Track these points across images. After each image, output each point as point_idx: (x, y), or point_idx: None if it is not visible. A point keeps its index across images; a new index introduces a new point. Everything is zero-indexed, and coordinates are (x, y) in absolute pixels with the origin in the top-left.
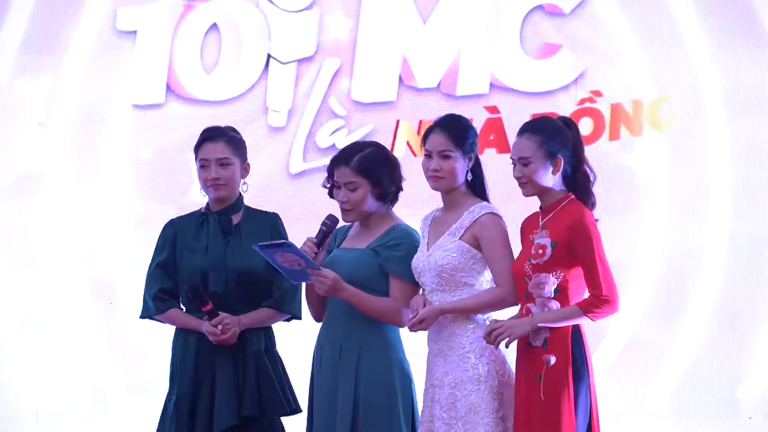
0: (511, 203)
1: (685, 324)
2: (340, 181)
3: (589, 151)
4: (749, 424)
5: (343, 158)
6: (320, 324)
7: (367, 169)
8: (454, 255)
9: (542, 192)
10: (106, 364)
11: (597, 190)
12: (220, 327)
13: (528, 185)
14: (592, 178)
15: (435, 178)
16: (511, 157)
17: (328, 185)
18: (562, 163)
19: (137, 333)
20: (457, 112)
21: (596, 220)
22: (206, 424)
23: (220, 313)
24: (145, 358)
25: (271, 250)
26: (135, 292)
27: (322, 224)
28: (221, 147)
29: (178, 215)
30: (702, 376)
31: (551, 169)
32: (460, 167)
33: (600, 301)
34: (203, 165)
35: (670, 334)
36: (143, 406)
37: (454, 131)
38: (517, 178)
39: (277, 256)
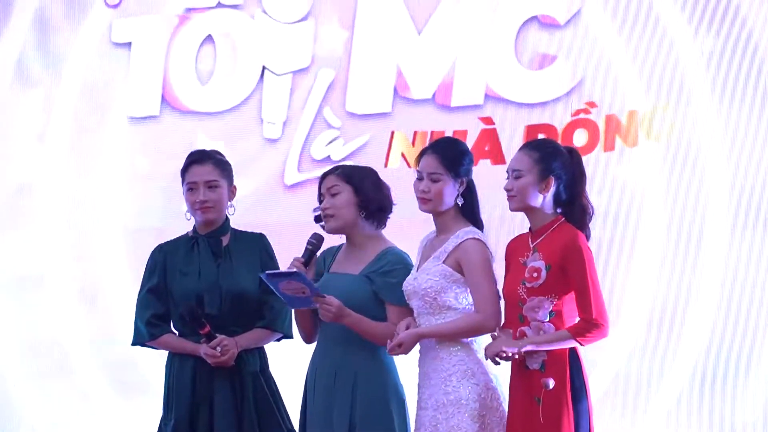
0: (505, 216)
1: (684, 334)
2: (324, 189)
3: (585, 163)
4: None
5: (330, 170)
6: (308, 346)
7: (350, 175)
8: (437, 279)
9: (529, 210)
10: (100, 377)
11: (592, 200)
12: (218, 349)
13: (515, 199)
14: (590, 212)
15: (423, 200)
16: (506, 170)
17: (319, 212)
18: (553, 185)
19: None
20: (452, 123)
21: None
22: None
23: (217, 335)
24: (140, 372)
25: (278, 279)
26: (129, 304)
27: (307, 243)
28: (209, 169)
29: (167, 240)
30: (699, 398)
31: (540, 187)
32: (449, 191)
33: (590, 325)
34: (191, 188)
35: (668, 346)
36: (136, 413)
37: (446, 155)
38: (507, 190)
39: (282, 284)
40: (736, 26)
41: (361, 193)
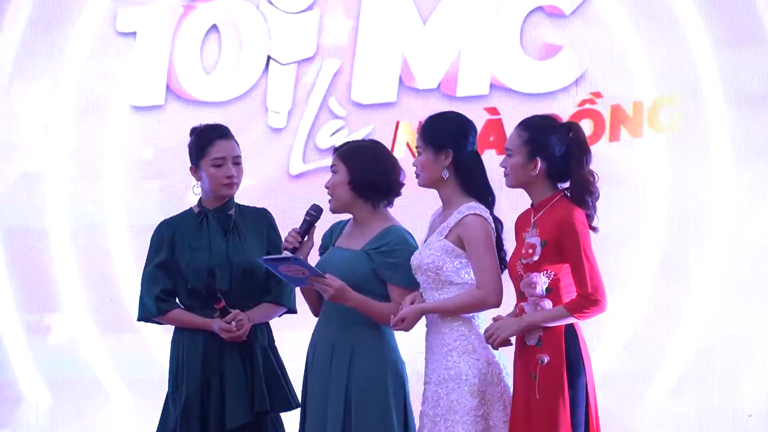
0: (511, 205)
1: (685, 323)
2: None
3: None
4: (749, 423)
5: (338, 146)
6: (312, 322)
7: (348, 155)
8: (438, 254)
9: (525, 186)
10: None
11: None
12: (233, 324)
13: (509, 177)
14: (592, 190)
15: (416, 175)
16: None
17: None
18: (540, 164)
19: (138, 329)
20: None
21: (594, 228)
22: (218, 422)
23: (231, 310)
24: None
25: (276, 263)
26: (135, 291)
27: (306, 214)
28: (234, 145)
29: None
30: (702, 373)
31: (530, 167)
32: (431, 163)
33: (586, 301)
34: (219, 163)
35: (669, 333)
36: (144, 405)
37: (426, 127)
38: (503, 168)
39: (282, 267)
40: (748, 15)
41: (353, 173)
